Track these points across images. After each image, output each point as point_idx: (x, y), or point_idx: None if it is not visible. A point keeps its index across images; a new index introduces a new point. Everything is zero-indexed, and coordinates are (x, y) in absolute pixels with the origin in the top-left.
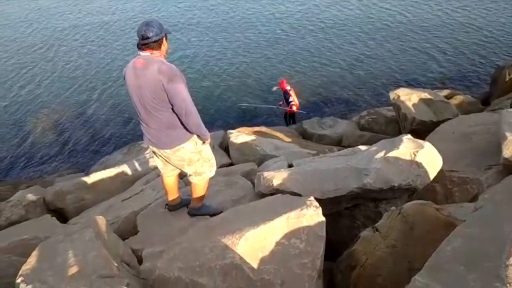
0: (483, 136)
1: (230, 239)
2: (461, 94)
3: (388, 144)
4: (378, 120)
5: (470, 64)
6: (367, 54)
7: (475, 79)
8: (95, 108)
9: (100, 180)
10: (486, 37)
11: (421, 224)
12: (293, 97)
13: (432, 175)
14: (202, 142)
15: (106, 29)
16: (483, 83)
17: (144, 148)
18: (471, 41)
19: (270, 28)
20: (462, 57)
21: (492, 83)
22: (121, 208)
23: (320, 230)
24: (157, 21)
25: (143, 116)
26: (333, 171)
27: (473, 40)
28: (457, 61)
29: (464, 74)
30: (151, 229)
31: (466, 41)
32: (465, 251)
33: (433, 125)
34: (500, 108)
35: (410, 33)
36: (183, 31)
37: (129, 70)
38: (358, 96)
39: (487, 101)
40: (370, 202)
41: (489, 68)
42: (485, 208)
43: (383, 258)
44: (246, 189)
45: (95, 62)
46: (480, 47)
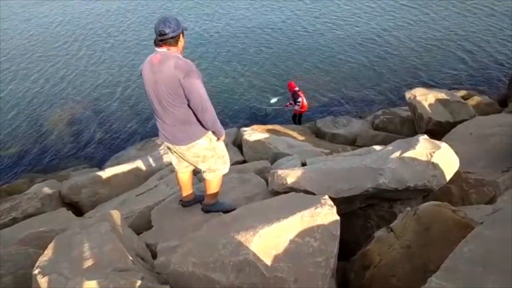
0: (500, 138)
1: (244, 236)
2: (478, 95)
3: (404, 144)
4: (393, 120)
5: (487, 64)
6: (383, 53)
7: (493, 80)
8: (111, 104)
9: (115, 175)
10: (504, 37)
11: (436, 225)
12: (302, 97)
13: (448, 176)
14: (216, 138)
15: (125, 26)
16: (500, 84)
17: (158, 144)
18: (489, 41)
19: (285, 28)
20: (479, 57)
21: (510, 84)
22: (135, 203)
23: (334, 229)
24: (174, 18)
25: (159, 112)
26: (347, 171)
27: (491, 41)
28: (474, 61)
29: (481, 75)
30: (165, 224)
31: (484, 42)
32: (483, 253)
33: (450, 126)
34: None
35: (427, 33)
36: (200, 30)
37: (146, 66)
38: (373, 95)
39: (505, 102)
40: (384, 202)
41: (507, 69)
42: (504, 210)
43: (398, 258)
44: (259, 187)
45: (111, 58)
46: (498, 48)
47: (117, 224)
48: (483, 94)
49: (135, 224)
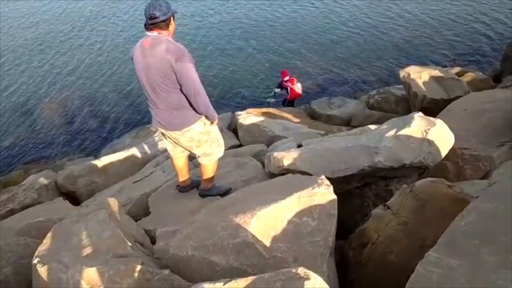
0: (495, 113)
1: (242, 218)
2: (472, 71)
3: (399, 122)
4: (388, 99)
5: (481, 41)
6: (376, 33)
7: (486, 56)
8: (103, 92)
9: (110, 163)
10: (497, 13)
11: (433, 201)
12: (291, 87)
13: (443, 152)
14: (210, 122)
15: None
16: (494, 60)
17: (152, 131)
18: (482, 17)
19: (278, 11)
20: (473, 34)
21: (504, 60)
22: (132, 190)
23: (332, 208)
24: (165, 1)
25: (151, 98)
26: (343, 150)
27: (484, 17)
28: (468, 38)
29: (475, 51)
30: (163, 210)
31: (477, 18)
32: (480, 226)
33: (444, 103)
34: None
35: (420, 11)
36: (193, 13)
37: (137, 50)
38: (367, 75)
39: (499, 78)
40: (380, 181)
41: (500, 45)
42: (500, 183)
43: (395, 235)
44: (256, 170)
45: (101, 44)
46: (491, 24)
47: (114, 211)
48: (477, 71)
49: (133, 211)
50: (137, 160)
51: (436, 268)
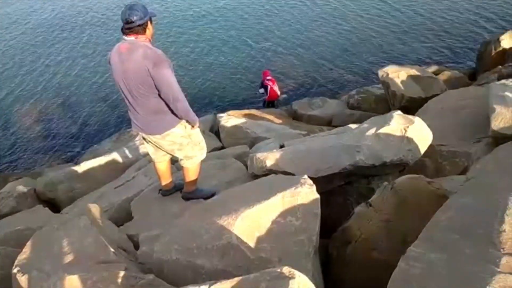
0: (471, 110)
1: (226, 220)
2: (449, 69)
3: (379, 120)
4: (367, 98)
5: (456, 40)
6: (355, 33)
7: (462, 55)
8: (81, 96)
9: (91, 169)
10: (471, 13)
11: (413, 197)
12: (271, 86)
13: (422, 149)
14: (191, 126)
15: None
16: (469, 59)
17: (134, 135)
18: (457, 17)
19: (258, 12)
20: (449, 33)
21: (479, 58)
22: (114, 195)
23: (315, 207)
24: (141, 5)
25: (130, 102)
26: (325, 150)
27: (459, 16)
28: (444, 37)
29: (451, 50)
30: (145, 215)
31: (453, 17)
32: (459, 220)
33: (422, 101)
34: (487, 82)
35: (396, 11)
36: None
37: (114, 55)
38: (347, 75)
39: (474, 76)
40: (362, 179)
41: (475, 44)
42: (477, 178)
43: (377, 232)
44: (239, 171)
45: (79, 48)
46: (466, 23)
47: (96, 217)
48: (453, 69)
49: (115, 217)
50: (119, 164)
51: (417, 263)
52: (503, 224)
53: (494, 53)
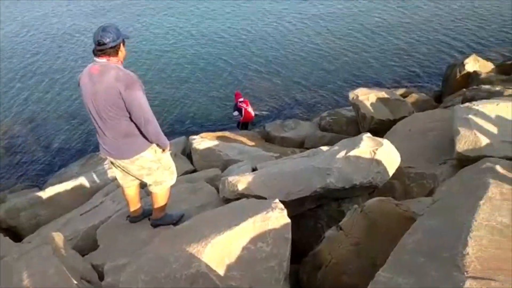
0: (437, 132)
1: (196, 247)
2: (416, 92)
3: (349, 143)
4: (338, 120)
5: (424, 63)
6: (325, 56)
7: (429, 78)
8: (48, 117)
9: (57, 194)
10: (438, 37)
11: (382, 220)
12: (245, 108)
13: (391, 172)
14: (162, 150)
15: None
16: (436, 82)
17: (102, 158)
18: (424, 41)
19: (230, 33)
20: (416, 57)
21: (445, 81)
22: (80, 222)
23: (286, 232)
24: (114, 26)
25: (99, 125)
26: (296, 173)
27: (426, 41)
28: (411, 61)
29: (418, 73)
30: (112, 243)
31: (420, 42)
32: (425, 243)
33: (391, 123)
34: (452, 104)
35: (366, 34)
36: (142, 36)
37: (84, 76)
38: (318, 97)
39: (440, 99)
40: (333, 202)
41: (441, 67)
42: (442, 201)
43: (347, 256)
44: (210, 196)
45: (47, 68)
46: (433, 47)
47: (59, 246)
48: (420, 92)
49: (80, 245)
50: (86, 190)
51: None
52: (467, 247)
53: (459, 76)
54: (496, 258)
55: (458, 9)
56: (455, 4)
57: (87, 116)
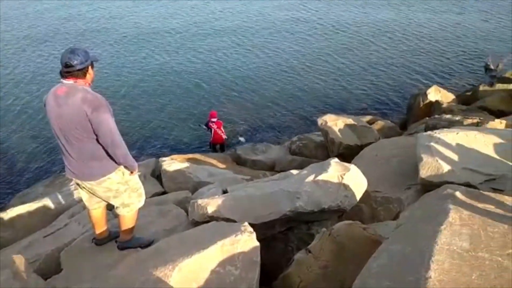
0: (402, 158)
1: (163, 271)
2: (382, 119)
3: (318, 167)
4: (308, 145)
5: (389, 92)
6: (295, 81)
7: (394, 106)
8: (12, 136)
9: (18, 215)
10: (403, 67)
11: (349, 243)
12: (214, 129)
13: (358, 196)
14: (130, 172)
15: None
16: (401, 110)
17: (68, 179)
18: (390, 71)
19: (202, 56)
20: (382, 85)
21: (408, 109)
22: (42, 245)
23: (254, 255)
24: (83, 49)
25: (64, 146)
26: (266, 196)
27: (392, 70)
28: (378, 89)
29: (384, 101)
30: (76, 266)
31: (385, 71)
32: (390, 267)
33: (358, 149)
34: (416, 132)
35: (336, 63)
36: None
37: (50, 98)
38: (289, 122)
39: (405, 126)
40: (303, 225)
41: (406, 96)
42: (406, 225)
43: (316, 279)
44: (179, 218)
45: (12, 86)
46: (398, 77)
47: (20, 270)
48: (386, 119)
49: (42, 268)
50: (50, 211)
51: None
52: (429, 270)
53: (422, 105)
54: (457, 282)
55: (422, 41)
56: (419, 36)
57: (53, 136)
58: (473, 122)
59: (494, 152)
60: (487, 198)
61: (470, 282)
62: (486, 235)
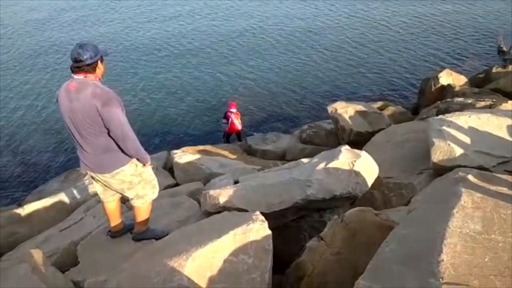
0: (414, 143)
1: (177, 261)
2: (393, 105)
3: (328, 155)
4: (318, 133)
5: (400, 77)
6: (304, 70)
7: (405, 91)
8: (27, 133)
9: (35, 211)
10: (413, 52)
11: (362, 229)
12: (232, 119)
13: (370, 182)
14: (142, 164)
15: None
16: (412, 94)
17: (82, 174)
18: (400, 56)
19: (212, 47)
20: (392, 71)
21: (420, 94)
22: (59, 239)
23: (267, 244)
24: (92, 44)
25: (78, 141)
26: (277, 185)
27: (402, 55)
28: (388, 74)
29: (395, 87)
30: (93, 259)
31: (396, 56)
32: (402, 252)
33: (369, 135)
34: (427, 116)
35: (344, 50)
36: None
37: (62, 93)
38: (298, 111)
39: (417, 111)
40: (314, 213)
41: (417, 80)
42: (418, 210)
43: (329, 265)
44: (192, 209)
45: (25, 82)
46: (409, 61)
47: (38, 263)
48: (397, 104)
49: (60, 262)
50: (65, 206)
51: None
52: (442, 254)
53: (434, 89)
54: (469, 264)
55: (433, 24)
56: (430, 20)
57: (67, 132)
58: (485, 104)
59: (507, 134)
60: (500, 181)
61: (483, 264)
62: (499, 217)
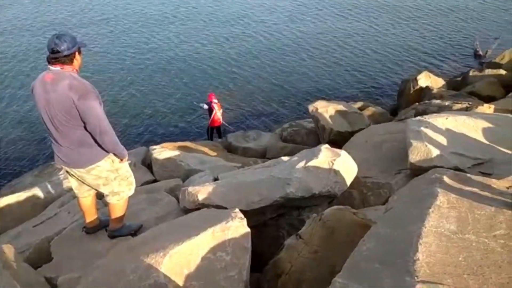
0: (392, 144)
1: (154, 258)
2: (372, 105)
3: (308, 154)
4: (299, 131)
5: (380, 78)
6: (287, 69)
7: (385, 92)
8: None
9: (8, 205)
10: (393, 53)
11: (340, 228)
12: (216, 110)
13: (348, 181)
14: (119, 160)
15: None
16: (391, 96)
17: (58, 168)
18: (380, 57)
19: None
20: (373, 71)
21: (399, 95)
22: (32, 234)
23: (245, 241)
24: (70, 34)
25: (53, 134)
26: (257, 183)
27: (382, 57)
28: (368, 75)
29: (375, 87)
30: (67, 255)
31: (376, 57)
32: (379, 250)
33: (349, 135)
34: (406, 117)
35: (327, 50)
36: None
37: (38, 84)
38: (280, 109)
39: (395, 112)
40: (293, 211)
41: (396, 82)
42: (395, 209)
43: (307, 264)
44: (170, 206)
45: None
46: (389, 63)
47: (10, 259)
48: (377, 105)
49: (33, 258)
50: (39, 200)
51: None
52: (417, 253)
53: (412, 90)
54: (444, 263)
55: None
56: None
57: (42, 124)
58: (462, 107)
59: (482, 136)
60: (475, 182)
61: (457, 263)
62: (473, 218)
